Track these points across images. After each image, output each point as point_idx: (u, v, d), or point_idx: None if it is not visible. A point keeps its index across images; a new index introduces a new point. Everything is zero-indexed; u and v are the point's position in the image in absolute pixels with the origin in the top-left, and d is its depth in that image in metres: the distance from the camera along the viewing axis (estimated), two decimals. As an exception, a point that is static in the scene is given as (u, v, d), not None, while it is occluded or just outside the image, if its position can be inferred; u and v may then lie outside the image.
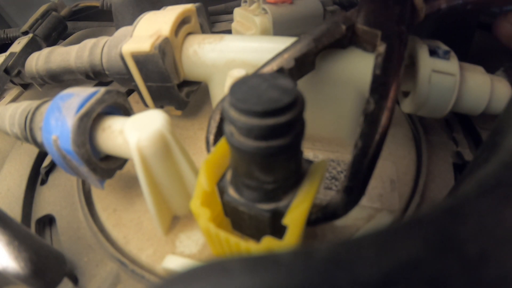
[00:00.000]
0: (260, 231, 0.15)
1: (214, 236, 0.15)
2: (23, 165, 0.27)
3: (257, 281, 0.07)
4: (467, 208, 0.09)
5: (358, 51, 0.20)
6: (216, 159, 0.15)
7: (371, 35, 0.19)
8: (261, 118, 0.11)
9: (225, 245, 0.15)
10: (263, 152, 0.12)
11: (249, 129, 0.12)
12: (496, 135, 0.12)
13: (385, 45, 0.17)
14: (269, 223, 0.14)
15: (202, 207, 0.15)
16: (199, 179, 0.15)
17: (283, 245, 0.13)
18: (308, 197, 0.14)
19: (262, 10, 0.28)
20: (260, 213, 0.14)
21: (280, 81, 0.12)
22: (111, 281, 0.19)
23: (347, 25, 0.19)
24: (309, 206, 0.14)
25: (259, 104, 0.11)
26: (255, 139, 0.12)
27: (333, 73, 0.21)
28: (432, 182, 0.23)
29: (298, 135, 0.13)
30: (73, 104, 0.18)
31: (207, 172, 0.15)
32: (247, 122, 0.12)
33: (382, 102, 0.16)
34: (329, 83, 0.22)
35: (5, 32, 0.40)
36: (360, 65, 0.20)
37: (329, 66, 0.21)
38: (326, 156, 0.24)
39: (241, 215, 0.15)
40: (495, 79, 0.21)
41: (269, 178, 0.13)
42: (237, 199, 0.15)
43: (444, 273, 0.08)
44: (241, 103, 0.11)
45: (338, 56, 0.21)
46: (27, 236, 0.17)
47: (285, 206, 0.14)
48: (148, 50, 0.22)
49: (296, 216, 0.13)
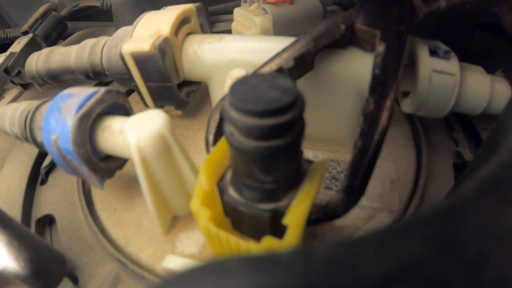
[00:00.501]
0: (260, 231, 0.15)
1: (214, 236, 0.15)
2: (23, 165, 0.27)
3: (257, 281, 0.07)
4: (467, 208, 0.09)
5: (357, 50, 0.20)
6: (216, 159, 0.15)
7: (370, 34, 0.19)
8: (261, 118, 0.11)
9: (225, 245, 0.15)
10: (263, 152, 0.12)
11: (249, 129, 0.12)
12: (496, 135, 0.12)
13: (384, 45, 0.17)
14: (269, 223, 0.14)
15: (202, 207, 0.15)
16: (199, 179, 0.15)
17: (283, 245, 0.13)
18: (308, 197, 0.14)
19: (262, 10, 0.28)
20: (260, 213, 0.14)
21: (280, 81, 0.12)
22: (111, 281, 0.19)
23: (346, 25, 0.19)
24: (309, 206, 0.14)
25: (259, 104, 0.11)
26: (255, 139, 0.12)
27: (333, 73, 0.21)
28: (432, 182, 0.23)
29: (298, 135, 0.13)
30: (73, 104, 0.18)
31: (207, 172, 0.15)
32: (247, 122, 0.12)
33: (382, 102, 0.16)
34: (329, 83, 0.22)
35: (5, 32, 0.40)
36: (359, 64, 0.20)
37: (328, 66, 0.21)
38: (326, 156, 0.24)
39: (241, 215, 0.15)
40: (494, 79, 0.21)
41: (269, 178, 0.13)
42: (237, 199, 0.15)
43: (444, 273, 0.08)
44: (241, 103, 0.11)
45: (337, 56, 0.21)
46: (27, 236, 0.17)
47: (285, 206, 0.14)
48: (148, 50, 0.22)
49: (296, 216, 0.13)
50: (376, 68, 0.17)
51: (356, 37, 0.20)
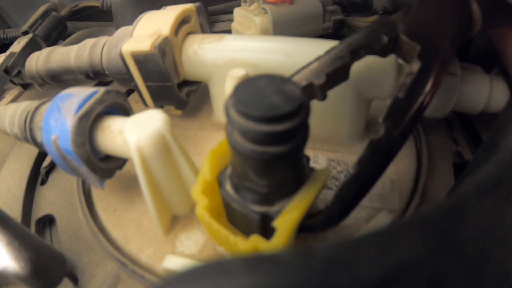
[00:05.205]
0: (250, 230, 0.15)
1: (208, 225, 0.15)
2: (23, 165, 0.27)
3: (256, 281, 0.07)
4: (467, 208, 0.09)
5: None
6: (222, 151, 0.15)
7: (410, 47, 0.16)
8: (258, 123, 0.11)
9: (217, 234, 0.15)
10: (257, 157, 0.12)
11: (244, 132, 0.11)
12: (496, 135, 0.12)
13: (419, 64, 0.15)
14: (258, 224, 0.14)
15: (202, 195, 0.15)
16: (202, 168, 0.15)
17: (269, 246, 0.13)
18: (302, 204, 0.14)
19: (262, 10, 0.28)
20: (250, 214, 0.14)
21: (287, 87, 0.12)
22: (111, 281, 0.19)
23: (389, 37, 0.17)
24: (302, 213, 0.14)
25: (257, 109, 0.11)
26: (251, 142, 0.12)
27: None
28: (432, 182, 0.23)
29: (298, 145, 0.12)
30: (72, 104, 0.18)
31: (211, 162, 0.15)
32: (244, 124, 0.11)
33: (394, 132, 0.14)
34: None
35: (5, 32, 0.40)
36: (361, 64, 0.20)
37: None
38: (326, 156, 0.24)
39: (234, 211, 0.15)
40: (493, 78, 0.21)
41: (262, 182, 0.13)
42: (231, 195, 0.15)
43: (444, 273, 0.08)
44: (241, 104, 0.11)
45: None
46: (27, 236, 0.17)
47: (276, 212, 0.14)
48: (148, 49, 0.22)
49: (286, 221, 0.13)
50: (402, 91, 0.14)
51: (399, 47, 0.17)
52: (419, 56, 0.15)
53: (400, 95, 0.14)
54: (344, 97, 0.22)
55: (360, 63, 0.20)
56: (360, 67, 0.20)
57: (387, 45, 0.17)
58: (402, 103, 0.14)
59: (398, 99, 0.14)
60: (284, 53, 0.22)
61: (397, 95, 0.15)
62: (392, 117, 0.14)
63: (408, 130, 0.14)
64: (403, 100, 0.14)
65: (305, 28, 0.30)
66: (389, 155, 0.14)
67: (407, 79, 0.15)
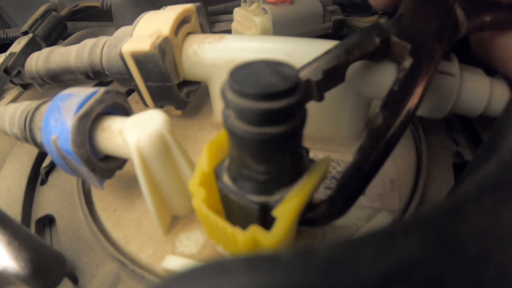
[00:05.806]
0: (249, 223, 0.15)
1: (205, 217, 0.15)
2: (23, 165, 0.27)
3: (256, 281, 0.07)
4: (467, 208, 0.09)
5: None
6: (221, 142, 0.15)
7: (401, 47, 0.17)
8: (254, 101, 0.11)
9: (214, 227, 0.15)
10: (254, 138, 0.12)
11: (242, 112, 0.11)
12: (496, 135, 0.12)
13: (411, 61, 0.16)
14: (258, 215, 0.14)
15: (199, 187, 0.15)
16: (201, 160, 0.15)
17: (269, 236, 0.13)
18: (303, 192, 0.14)
19: (262, 10, 0.28)
20: (248, 205, 0.14)
21: (283, 68, 0.12)
22: (111, 281, 0.19)
23: (381, 38, 0.18)
24: (303, 201, 0.13)
25: (254, 87, 0.11)
26: (248, 123, 0.12)
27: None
28: (432, 182, 0.23)
29: (295, 126, 0.12)
30: (72, 104, 0.18)
31: (209, 154, 0.15)
32: (240, 103, 0.11)
33: (391, 120, 0.15)
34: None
35: (5, 32, 0.40)
36: (360, 65, 0.20)
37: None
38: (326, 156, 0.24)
39: (232, 203, 0.15)
40: (494, 81, 0.21)
41: (260, 168, 0.13)
42: (229, 186, 0.14)
43: (444, 273, 0.08)
44: (237, 84, 0.11)
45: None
46: (27, 236, 0.17)
47: (275, 201, 0.14)
48: (148, 49, 0.22)
49: (287, 209, 0.13)
50: (396, 84, 0.16)
51: (391, 51, 0.18)
52: (410, 53, 0.16)
53: (394, 88, 0.16)
54: (344, 98, 0.22)
55: (359, 63, 0.20)
56: (359, 67, 0.20)
57: (379, 47, 0.18)
58: (397, 94, 0.15)
59: (393, 91, 0.16)
60: (284, 53, 0.22)
61: (392, 88, 0.16)
62: (388, 107, 0.15)
63: (405, 121, 0.15)
64: (397, 92, 0.15)
65: (305, 28, 0.30)
66: (388, 143, 0.15)
67: (400, 74, 0.16)
